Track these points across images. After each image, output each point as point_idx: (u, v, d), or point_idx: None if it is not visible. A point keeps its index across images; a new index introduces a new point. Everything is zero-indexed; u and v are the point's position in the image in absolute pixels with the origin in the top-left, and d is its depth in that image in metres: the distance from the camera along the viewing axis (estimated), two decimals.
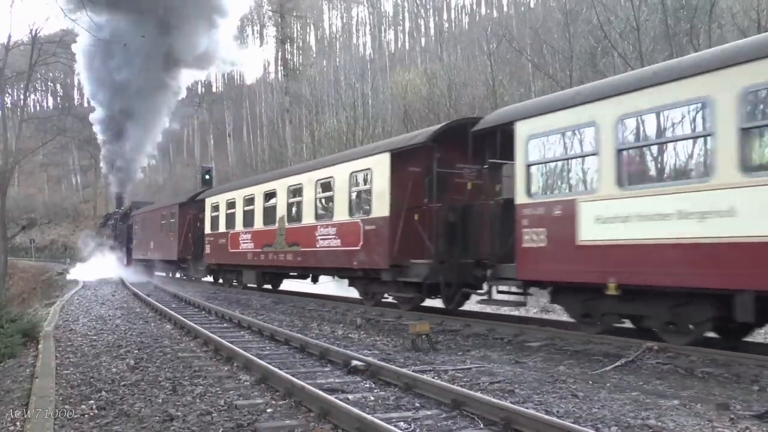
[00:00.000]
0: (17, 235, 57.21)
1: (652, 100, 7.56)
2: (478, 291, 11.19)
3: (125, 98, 40.09)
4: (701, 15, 21.46)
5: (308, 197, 15.23)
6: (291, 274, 17.64)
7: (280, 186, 16.71)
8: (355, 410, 4.73)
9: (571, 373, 6.85)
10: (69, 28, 35.90)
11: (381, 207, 12.38)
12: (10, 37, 30.43)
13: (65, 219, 77.79)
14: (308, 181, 15.30)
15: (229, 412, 5.17)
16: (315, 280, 17.15)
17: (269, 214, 17.21)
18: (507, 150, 9.67)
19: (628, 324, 9.00)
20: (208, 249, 21.70)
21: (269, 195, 17.32)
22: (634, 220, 7.65)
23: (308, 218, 15.17)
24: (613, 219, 7.88)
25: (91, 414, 5.18)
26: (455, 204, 11.48)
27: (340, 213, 13.86)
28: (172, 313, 12.33)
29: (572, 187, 8.69)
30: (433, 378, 6.19)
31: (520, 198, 9.24)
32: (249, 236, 18.39)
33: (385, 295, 13.46)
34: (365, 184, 13.09)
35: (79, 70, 43.25)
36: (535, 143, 9.10)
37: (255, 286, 19.02)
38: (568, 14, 28.06)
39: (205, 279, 23.97)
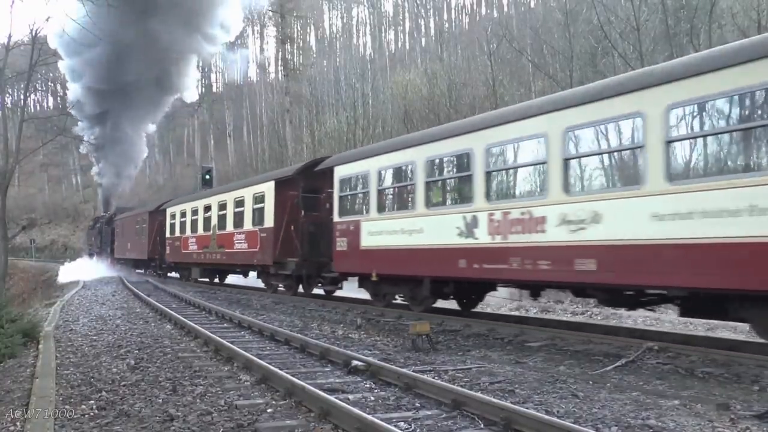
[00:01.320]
0: (17, 235, 57.21)
1: (390, 160, 12.14)
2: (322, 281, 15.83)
3: (114, 98, 39.84)
4: (701, 15, 21.45)
5: (230, 211, 20.00)
6: (236, 270, 22.16)
7: (214, 201, 21.58)
8: (356, 410, 4.73)
9: (572, 373, 6.85)
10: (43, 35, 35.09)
11: (269, 220, 17.07)
12: (10, 37, 30.27)
13: (65, 219, 77.79)
14: (230, 198, 20.19)
15: (229, 412, 5.17)
16: (246, 275, 21.52)
17: (207, 222, 21.97)
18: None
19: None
20: (168, 250, 26.60)
21: (207, 208, 22.14)
22: (384, 234, 12.08)
23: (230, 227, 20.00)
24: (376, 233, 12.33)
25: (92, 414, 5.18)
26: (315, 219, 15.80)
27: (247, 223, 18.56)
28: (173, 313, 12.33)
29: (359, 211, 13.03)
30: (434, 378, 6.19)
31: (335, 218, 13.69)
32: (194, 240, 23.19)
33: (280, 286, 17.73)
34: (261, 203, 17.64)
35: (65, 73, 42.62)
36: (343, 182, 13.59)
37: (205, 279, 24.11)
38: (568, 14, 28.01)
39: (171, 275, 28.79)
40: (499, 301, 14.85)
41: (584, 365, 7.27)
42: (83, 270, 32.91)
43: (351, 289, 15.28)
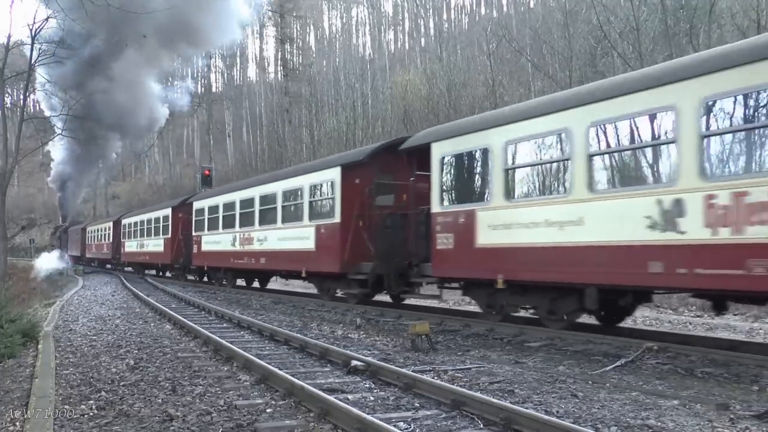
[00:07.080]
0: (17, 235, 57.51)
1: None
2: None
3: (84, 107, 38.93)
4: (701, 15, 21.46)
5: (104, 231, 39.20)
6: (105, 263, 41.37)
7: (107, 225, 39.05)
8: (355, 410, 4.72)
9: (571, 373, 6.84)
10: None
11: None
12: (9, 37, 30.22)
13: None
14: (104, 225, 39.70)
15: (228, 412, 5.16)
16: (104, 264, 41.63)
17: (103, 236, 39.88)
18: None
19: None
20: (87, 251, 45.40)
21: (103, 228, 40.39)
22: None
23: (106, 240, 38.73)
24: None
25: (91, 414, 5.17)
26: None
27: (107, 239, 38.63)
28: (172, 313, 12.33)
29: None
30: (433, 378, 6.19)
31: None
32: (95, 246, 42.65)
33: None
34: (107, 230, 38.49)
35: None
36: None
37: (108, 266, 40.23)
38: (567, 14, 28.05)
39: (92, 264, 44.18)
40: None
41: (584, 365, 7.26)
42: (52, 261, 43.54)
43: None
